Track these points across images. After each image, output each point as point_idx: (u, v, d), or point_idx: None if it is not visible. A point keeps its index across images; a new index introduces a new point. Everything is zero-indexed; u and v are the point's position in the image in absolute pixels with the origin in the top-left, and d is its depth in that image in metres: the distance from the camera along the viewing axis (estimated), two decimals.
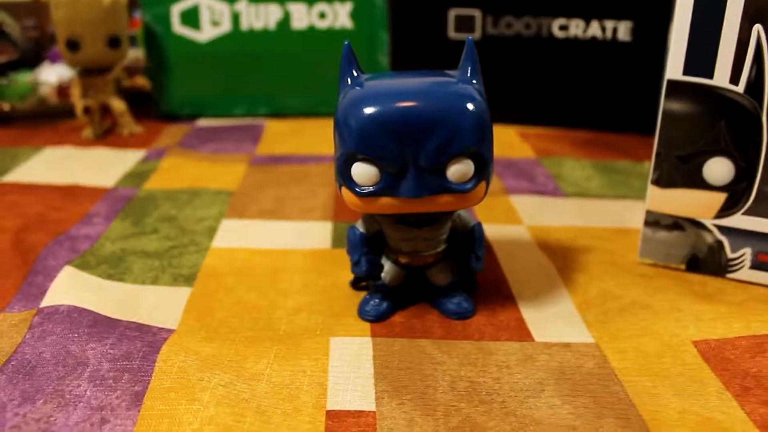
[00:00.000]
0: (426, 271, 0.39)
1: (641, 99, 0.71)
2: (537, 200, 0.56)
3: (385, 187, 0.33)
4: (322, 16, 0.78)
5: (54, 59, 0.88)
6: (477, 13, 0.74)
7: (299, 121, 0.80)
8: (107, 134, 0.76)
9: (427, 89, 0.33)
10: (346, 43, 0.35)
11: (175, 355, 0.35)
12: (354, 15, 0.79)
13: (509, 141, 0.72)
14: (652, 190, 0.44)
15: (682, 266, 0.45)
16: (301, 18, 0.78)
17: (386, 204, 0.34)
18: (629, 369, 0.35)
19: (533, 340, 0.37)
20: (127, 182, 0.61)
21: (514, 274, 0.44)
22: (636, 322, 0.39)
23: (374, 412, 0.31)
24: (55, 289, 0.41)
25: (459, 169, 0.33)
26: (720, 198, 0.42)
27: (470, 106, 0.32)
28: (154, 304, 0.41)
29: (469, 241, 0.38)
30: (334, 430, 0.30)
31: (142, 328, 0.38)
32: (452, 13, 0.74)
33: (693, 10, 0.39)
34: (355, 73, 0.35)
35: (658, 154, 0.43)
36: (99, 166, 0.65)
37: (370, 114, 0.32)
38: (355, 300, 0.40)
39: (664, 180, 0.43)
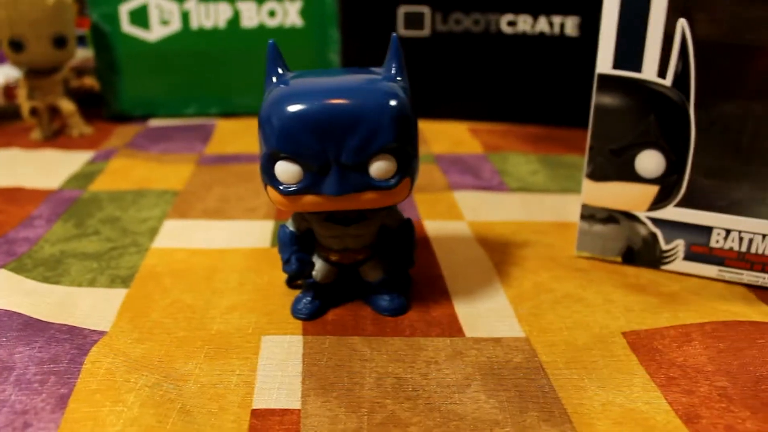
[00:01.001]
0: (358, 269, 0.39)
1: (589, 93, 0.72)
2: (481, 195, 0.56)
3: (309, 185, 0.33)
4: (272, 14, 0.78)
5: None
6: (426, 10, 0.74)
7: (250, 120, 0.80)
8: (57, 136, 0.75)
9: (348, 87, 0.33)
10: (270, 41, 0.35)
11: (104, 357, 0.35)
12: (304, 13, 0.78)
13: (459, 137, 0.72)
14: (587, 184, 0.44)
15: (618, 259, 0.45)
16: (251, 16, 0.78)
17: (311, 202, 0.34)
18: (557, 362, 0.35)
19: (464, 336, 0.37)
20: (72, 184, 0.60)
21: (451, 270, 0.44)
22: (568, 315, 0.39)
23: (299, 410, 0.31)
24: None
25: (381, 166, 0.33)
26: (652, 190, 0.43)
27: (391, 103, 0.32)
28: (89, 306, 0.40)
29: (399, 238, 0.39)
30: (258, 429, 0.30)
31: (73, 331, 0.37)
32: (401, 11, 0.74)
33: (620, 4, 0.40)
34: (280, 71, 0.35)
35: (591, 148, 0.43)
36: (45, 168, 0.64)
37: (291, 112, 0.32)
38: (290, 298, 0.40)
39: (597, 173, 0.43)
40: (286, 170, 0.33)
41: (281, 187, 0.33)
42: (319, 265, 0.38)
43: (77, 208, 0.54)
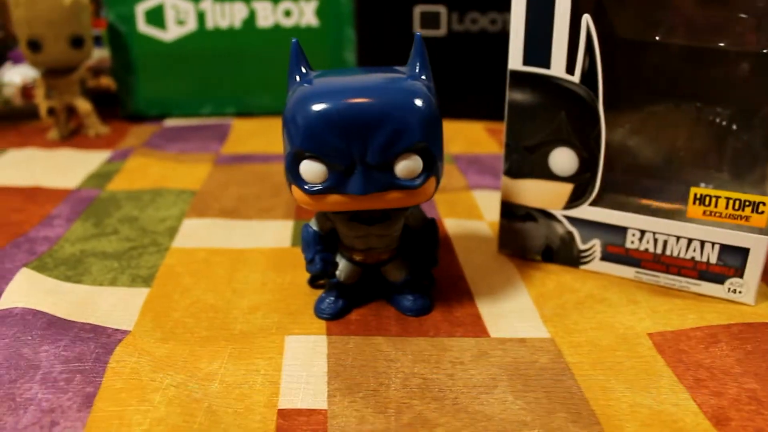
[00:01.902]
0: (381, 268, 0.39)
1: None
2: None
3: (334, 184, 0.33)
4: (288, 14, 0.78)
5: (17, 60, 0.87)
6: (442, 10, 0.74)
7: (266, 119, 0.80)
8: (73, 135, 0.75)
9: (373, 86, 0.33)
10: (293, 40, 0.35)
11: (129, 356, 0.35)
12: (319, 12, 0.78)
13: (476, 137, 0.72)
14: (505, 181, 0.44)
15: (539, 257, 0.45)
16: (267, 16, 0.78)
17: (335, 201, 0.33)
18: (583, 363, 0.35)
19: (489, 336, 0.37)
20: (90, 183, 0.60)
21: (473, 270, 0.44)
22: (592, 315, 0.39)
23: (326, 410, 0.31)
24: (10, 291, 0.41)
25: (407, 166, 0.32)
26: (567, 188, 0.42)
27: (417, 102, 0.32)
28: (111, 305, 0.40)
29: (423, 238, 0.38)
30: (284, 429, 0.30)
31: (96, 330, 0.37)
32: (417, 10, 0.74)
33: (527, 1, 0.39)
34: (303, 71, 0.35)
35: (507, 145, 0.43)
36: (63, 168, 0.64)
37: (316, 111, 0.31)
38: (313, 298, 0.40)
39: (514, 170, 0.43)
40: (310, 169, 0.32)
41: (306, 187, 0.33)
42: (342, 265, 0.38)
43: (96, 208, 0.54)
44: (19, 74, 0.82)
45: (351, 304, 0.39)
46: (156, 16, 0.78)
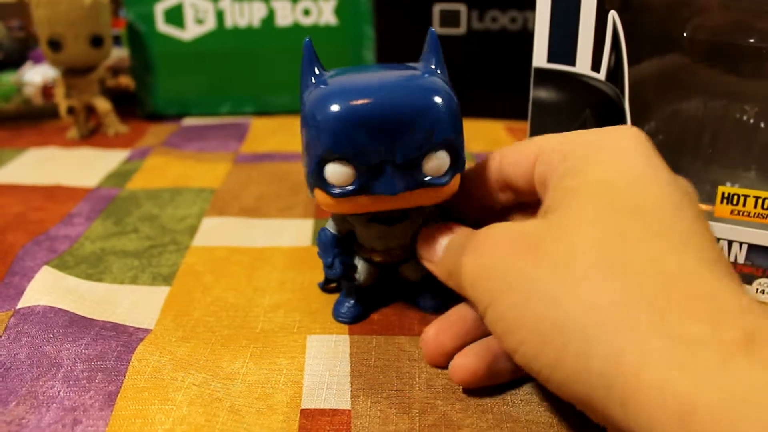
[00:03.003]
0: (399, 268, 0.38)
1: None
2: None
3: (361, 185, 0.32)
4: (307, 12, 0.78)
5: (37, 59, 0.88)
6: (462, 8, 0.73)
7: (285, 118, 0.80)
8: (92, 134, 0.75)
9: (398, 84, 0.32)
10: (306, 40, 0.34)
11: (150, 354, 0.35)
12: (338, 11, 0.78)
13: (496, 136, 0.72)
14: None
15: None
16: (286, 15, 0.78)
17: (362, 203, 0.32)
18: None
19: None
20: (110, 182, 0.60)
21: None
22: None
23: (349, 410, 0.31)
24: (31, 289, 0.41)
25: (436, 163, 0.32)
26: None
27: (443, 98, 0.31)
28: (131, 303, 0.40)
29: None
30: (307, 429, 0.30)
31: (118, 328, 0.37)
32: (437, 8, 0.74)
33: None
34: (317, 71, 0.34)
35: None
36: (82, 167, 0.64)
37: (346, 112, 0.30)
38: (334, 297, 0.40)
39: None
40: (337, 172, 0.31)
41: (332, 190, 0.32)
42: (361, 267, 0.37)
43: (115, 206, 0.54)
44: (39, 74, 0.82)
45: (369, 306, 0.39)
46: (175, 16, 0.78)
